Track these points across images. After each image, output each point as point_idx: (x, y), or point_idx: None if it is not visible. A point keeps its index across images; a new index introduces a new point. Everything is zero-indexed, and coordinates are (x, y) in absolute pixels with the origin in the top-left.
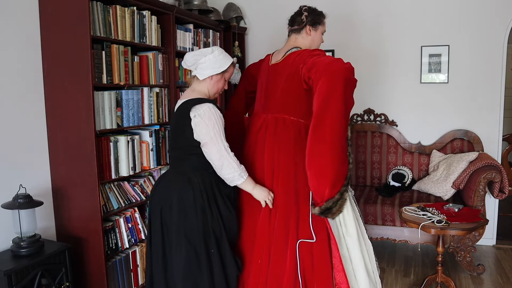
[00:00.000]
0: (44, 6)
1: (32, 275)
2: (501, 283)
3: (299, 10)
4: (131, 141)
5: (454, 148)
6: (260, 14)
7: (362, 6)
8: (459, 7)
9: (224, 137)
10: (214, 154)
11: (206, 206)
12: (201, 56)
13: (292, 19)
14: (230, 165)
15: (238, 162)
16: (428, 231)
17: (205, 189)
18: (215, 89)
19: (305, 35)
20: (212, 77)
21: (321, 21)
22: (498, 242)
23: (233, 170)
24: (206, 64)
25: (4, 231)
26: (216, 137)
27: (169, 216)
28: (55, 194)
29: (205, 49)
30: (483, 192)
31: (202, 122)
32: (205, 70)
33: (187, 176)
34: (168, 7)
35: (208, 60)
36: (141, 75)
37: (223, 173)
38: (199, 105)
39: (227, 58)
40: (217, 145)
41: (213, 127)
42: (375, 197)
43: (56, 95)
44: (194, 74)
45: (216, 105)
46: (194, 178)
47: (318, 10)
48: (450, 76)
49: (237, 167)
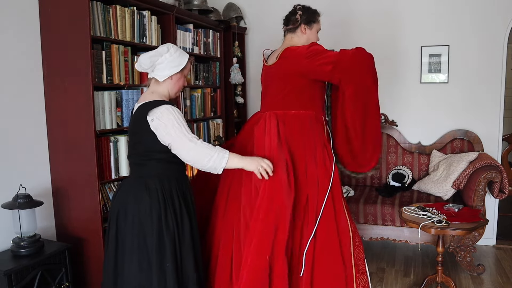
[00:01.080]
0: (44, 6)
1: (32, 275)
2: (501, 283)
3: (293, 9)
4: None
5: (454, 148)
6: (260, 14)
7: (362, 6)
8: (459, 7)
9: (188, 130)
10: (182, 152)
11: (163, 215)
12: (157, 56)
13: (287, 19)
14: (203, 152)
15: (209, 145)
16: (428, 231)
17: (163, 196)
18: (176, 88)
19: (300, 34)
20: (172, 77)
21: (315, 19)
22: (498, 242)
23: (209, 156)
24: (163, 65)
25: (4, 231)
26: (177, 135)
27: (124, 224)
28: (55, 194)
29: (160, 49)
30: (483, 192)
31: (161, 123)
32: (163, 71)
33: (144, 182)
34: (168, 7)
35: (165, 59)
36: (141, 75)
37: (203, 164)
38: (155, 108)
39: (183, 55)
40: (181, 142)
41: (172, 125)
42: (375, 197)
43: (56, 95)
44: (152, 76)
45: (173, 105)
46: (151, 184)
47: (312, 9)
48: (450, 76)
49: (211, 151)
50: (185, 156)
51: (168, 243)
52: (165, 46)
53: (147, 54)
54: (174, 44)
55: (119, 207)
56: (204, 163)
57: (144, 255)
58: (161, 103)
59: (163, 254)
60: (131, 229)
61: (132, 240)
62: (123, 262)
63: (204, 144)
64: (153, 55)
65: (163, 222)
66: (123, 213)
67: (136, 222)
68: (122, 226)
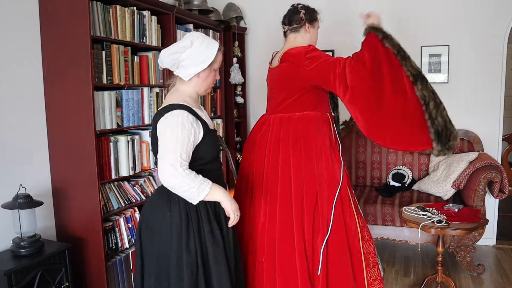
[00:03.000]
0: (44, 6)
1: (32, 275)
2: (501, 283)
3: (295, 8)
4: (131, 141)
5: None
6: (260, 14)
7: (362, 6)
8: (459, 7)
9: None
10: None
11: (184, 232)
12: (179, 53)
13: (289, 18)
14: (180, 182)
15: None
16: (428, 231)
17: (186, 212)
18: (205, 86)
19: (304, 33)
20: (199, 74)
21: (316, 18)
22: (498, 242)
23: (188, 186)
24: (188, 61)
25: (4, 231)
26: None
27: (145, 236)
28: (55, 194)
29: (183, 42)
30: (483, 192)
31: (160, 132)
32: (188, 69)
33: (167, 194)
34: (168, 7)
35: (189, 55)
36: (141, 75)
37: (178, 192)
38: (167, 113)
39: (211, 46)
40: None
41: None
42: (375, 197)
43: (56, 95)
44: (177, 74)
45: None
46: (174, 197)
47: (311, 7)
48: (450, 76)
49: (192, 182)
50: (159, 177)
51: (187, 266)
52: (189, 38)
53: (168, 51)
54: (201, 34)
55: (142, 219)
56: (179, 192)
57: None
58: (174, 108)
59: (180, 277)
60: (150, 246)
61: (151, 254)
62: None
63: (187, 173)
64: (175, 51)
65: (184, 242)
66: (145, 227)
67: (156, 238)
68: (143, 239)
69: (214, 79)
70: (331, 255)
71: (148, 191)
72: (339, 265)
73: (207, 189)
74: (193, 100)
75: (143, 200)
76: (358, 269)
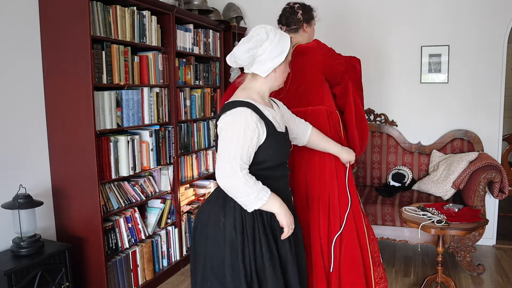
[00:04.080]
0: (44, 6)
1: (32, 275)
2: (501, 283)
3: (291, 8)
4: (131, 141)
5: (454, 148)
6: (260, 14)
7: (362, 6)
8: (459, 7)
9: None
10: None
11: (239, 242)
12: (257, 47)
13: (287, 20)
14: (239, 188)
15: (252, 181)
16: (428, 231)
17: (241, 219)
18: (280, 81)
19: (302, 33)
20: (276, 69)
21: (313, 16)
22: (498, 242)
23: (245, 193)
24: (264, 56)
25: (4, 231)
26: (224, 151)
27: (198, 242)
28: (55, 194)
29: (258, 36)
30: (483, 192)
31: (221, 131)
32: (265, 64)
33: (223, 197)
34: (168, 7)
35: (266, 49)
36: (141, 75)
37: (233, 196)
38: (229, 111)
39: (284, 37)
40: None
41: (228, 136)
42: (375, 197)
43: (56, 95)
44: (251, 72)
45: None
46: (230, 202)
47: (308, 5)
48: (450, 76)
49: (250, 189)
50: (217, 180)
51: (243, 277)
52: (263, 30)
53: (244, 46)
54: (269, 26)
55: (196, 223)
56: (235, 196)
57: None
58: (237, 105)
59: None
60: (205, 249)
61: (205, 263)
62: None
63: (247, 179)
64: (252, 46)
65: (239, 251)
66: (198, 232)
67: (208, 246)
68: (196, 245)
69: (287, 72)
70: (344, 253)
71: (148, 191)
72: (351, 262)
73: (264, 199)
74: (261, 97)
75: (143, 200)
76: (367, 267)
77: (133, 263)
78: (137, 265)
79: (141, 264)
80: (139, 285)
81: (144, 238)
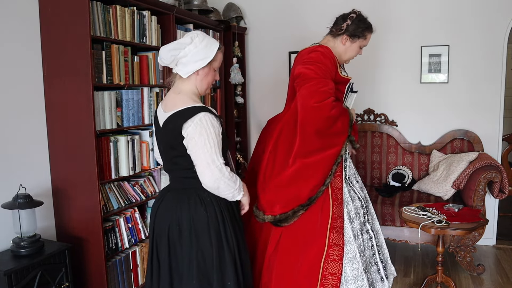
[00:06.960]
0: (44, 6)
1: (32, 275)
2: (501, 283)
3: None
4: (131, 141)
5: (454, 148)
6: (260, 14)
7: (361, 6)
8: (459, 7)
9: (218, 152)
10: (205, 177)
11: (222, 230)
12: (179, 49)
13: (336, 21)
14: (227, 185)
15: (234, 177)
16: (428, 231)
17: (220, 210)
18: (205, 85)
19: (339, 43)
20: (198, 71)
21: (363, 35)
22: (498, 242)
23: (232, 189)
24: (187, 58)
25: (4, 231)
26: (206, 159)
27: (179, 242)
28: (55, 194)
29: (183, 39)
30: (483, 192)
31: (192, 139)
32: (187, 66)
33: (196, 193)
34: (168, 7)
35: (189, 52)
36: (141, 75)
37: (220, 193)
38: (189, 120)
39: (211, 45)
40: (209, 168)
41: (203, 145)
42: (375, 197)
43: (56, 95)
44: (176, 72)
45: (211, 112)
46: (206, 196)
47: (367, 22)
48: (450, 76)
49: (234, 184)
50: (207, 182)
51: (229, 260)
52: (190, 35)
53: (167, 47)
54: (202, 32)
55: (169, 224)
56: (220, 193)
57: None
58: (196, 111)
59: (223, 272)
60: (189, 248)
61: (190, 260)
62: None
63: (230, 174)
64: (174, 48)
65: (223, 238)
66: (177, 230)
67: (193, 240)
68: (176, 245)
69: (214, 79)
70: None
71: (148, 191)
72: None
73: (242, 192)
74: (199, 98)
75: (143, 200)
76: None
77: (133, 263)
78: (137, 265)
79: (141, 264)
80: (139, 285)
81: (144, 238)
